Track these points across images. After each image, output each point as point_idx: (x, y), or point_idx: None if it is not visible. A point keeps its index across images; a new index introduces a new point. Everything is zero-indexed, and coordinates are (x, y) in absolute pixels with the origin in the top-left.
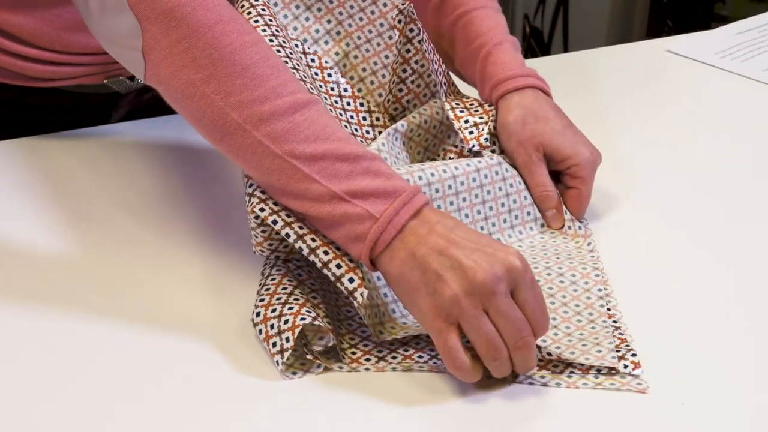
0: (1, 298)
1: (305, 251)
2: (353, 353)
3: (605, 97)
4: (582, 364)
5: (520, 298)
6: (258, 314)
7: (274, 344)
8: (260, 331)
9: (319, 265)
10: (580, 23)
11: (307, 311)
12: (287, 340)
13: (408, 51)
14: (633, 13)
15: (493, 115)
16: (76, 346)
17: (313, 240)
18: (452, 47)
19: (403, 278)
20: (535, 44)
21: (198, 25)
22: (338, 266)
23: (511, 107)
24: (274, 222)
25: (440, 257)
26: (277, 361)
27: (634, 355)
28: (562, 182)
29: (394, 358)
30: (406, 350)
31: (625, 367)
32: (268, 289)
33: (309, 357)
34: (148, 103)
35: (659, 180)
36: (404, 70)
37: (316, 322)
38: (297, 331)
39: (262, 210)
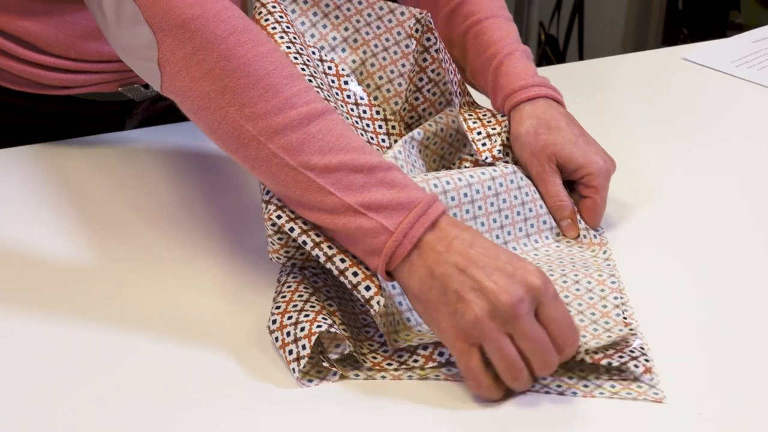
0: (15, 303)
1: (322, 259)
2: (374, 358)
3: (621, 105)
4: (598, 373)
5: (545, 316)
6: (274, 322)
7: (291, 352)
8: (276, 339)
9: (335, 272)
10: (595, 31)
11: (323, 318)
12: (303, 347)
13: (425, 60)
14: (648, 21)
15: (506, 126)
16: (89, 352)
17: (330, 248)
18: (464, 57)
19: (423, 295)
20: (551, 52)
21: (212, 36)
22: (355, 274)
23: (523, 118)
24: (291, 229)
25: (460, 276)
26: (294, 369)
27: (647, 360)
28: (576, 191)
29: (415, 361)
30: (425, 348)
31: (636, 367)
32: (284, 297)
33: (325, 365)
34: (162, 111)
35: (675, 188)
36: (420, 79)
37: (332, 330)
38: (313, 338)
39: (279, 217)
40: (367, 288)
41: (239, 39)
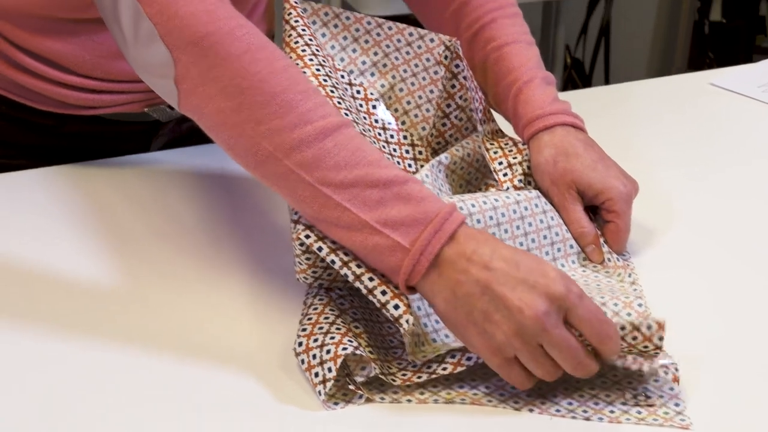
0: (39, 323)
1: (351, 278)
2: (403, 375)
3: (647, 130)
4: (625, 399)
5: (575, 319)
6: (300, 344)
7: (317, 374)
8: (302, 361)
9: (364, 291)
10: (621, 55)
11: (348, 341)
12: (329, 370)
13: (453, 86)
14: (674, 46)
15: (527, 155)
16: (114, 372)
17: (359, 266)
18: (485, 83)
19: (450, 315)
20: (576, 75)
21: (226, 54)
22: (383, 293)
23: (542, 147)
24: (320, 249)
25: (483, 296)
26: (320, 391)
27: (676, 369)
28: (599, 216)
29: (444, 369)
30: (453, 356)
31: (666, 373)
32: (310, 319)
33: (351, 387)
34: (188, 132)
35: (702, 214)
36: (448, 105)
37: (358, 352)
38: (339, 361)
39: (307, 237)
40: (396, 307)
41: (254, 56)
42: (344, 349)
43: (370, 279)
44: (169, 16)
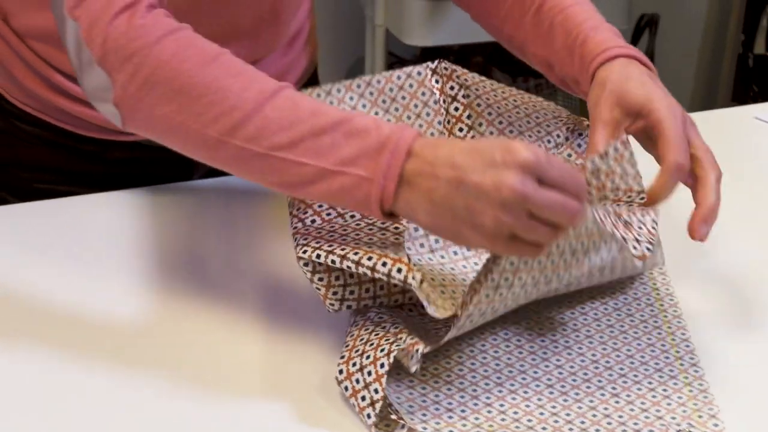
0: (73, 348)
1: (353, 267)
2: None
3: None
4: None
5: (549, 181)
6: (341, 372)
7: (363, 398)
8: (346, 389)
9: (369, 273)
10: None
11: (381, 352)
12: (376, 391)
13: (456, 109)
14: (718, 79)
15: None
16: (145, 407)
17: (356, 254)
18: (552, 47)
19: (438, 225)
20: None
21: (157, 62)
22: (384, 264)
23: (596, 85)
24: (318, 256)
25: (459, 192)
26: (369, 414)
27: (716, 425)
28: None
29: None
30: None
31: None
32: (347, 346)
33: (393, 417)
34: None
35: (746, 250)
36: (461, 129)
37: (394, 349)
38: (383, 380)
39: (305, 252)
40: (399, 270)
41: (183, 55)
42: (381, 365)
43: (369, 258)
44: (102, 39)
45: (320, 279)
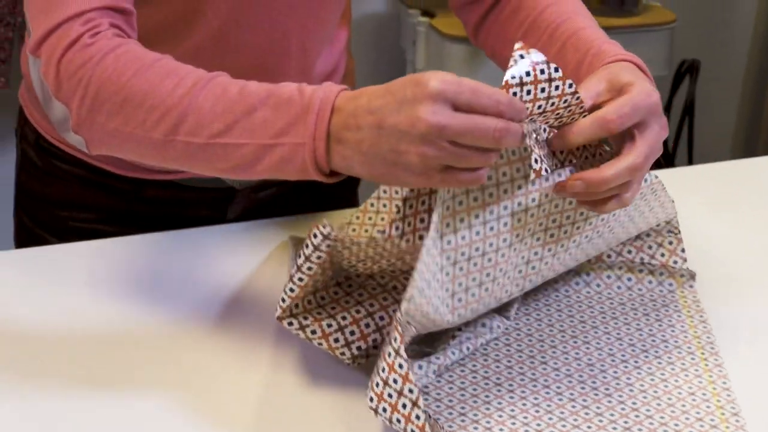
0: (106, 392)
1: (303, 280)
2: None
3: (729, 214)
4: None
5: (463, 107)
6: (372, 399)
7: (404, 405)
8: (384, 410)
9: (306, 268)
10: (705, 134)
11: (389, 357)
12: (410, 391)
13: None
14: (759, 125)
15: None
16: None
17: (323, 299)
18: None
19: (375, 175)
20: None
21: (100, 80)
22: (306, 246)
23: (596, 72)
24: (305, 317)
25: (381, 136)
26: (417, 416)
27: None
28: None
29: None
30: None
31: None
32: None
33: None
34: (266, 200)
35: None
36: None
37: (396, 345)
38: (411, 376)
39: (290, 324)
40: (315, 235)
41: (121, 69)
42: (400, 366)
43: (333, 308)
44: (55, 72)
45: (313, 332)
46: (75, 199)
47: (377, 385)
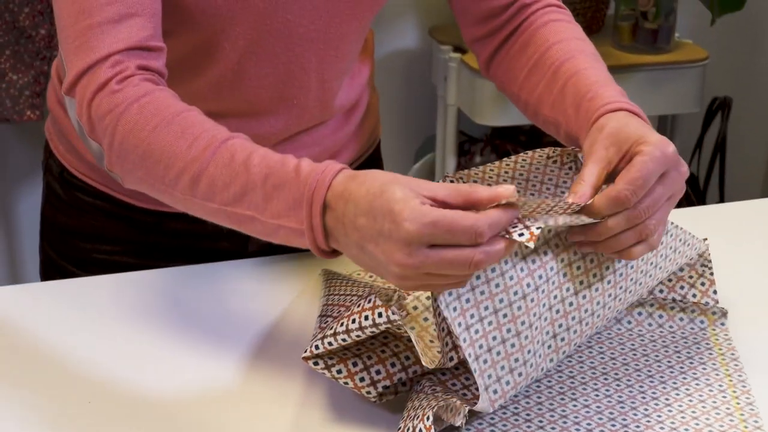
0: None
1: (345, 340)
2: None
3: (761, 252)
4: None
5: (440, 243)
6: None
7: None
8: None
9: (357, 335)
10: (737, 172)
11: (420, 410)
12: None
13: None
14: None
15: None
16: None
17: (341, 324)
18: (560, 109)
19: (365, 266)
20: (690, 190)
21: (123, 132)
22: (366, 318)
23: (595, 128)
24: (316, 347)
25: (364, 254)
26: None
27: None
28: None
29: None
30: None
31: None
32: (403, 418)
33: None
34: None
35: None
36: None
37: (434, 405)
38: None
39: (316, 363)
40: (380, 315)
41: (142, 123)
42: (428, 419)
43: (352, 321)
44: (87, 115)
45: (339, 372)
46: (97, 231)
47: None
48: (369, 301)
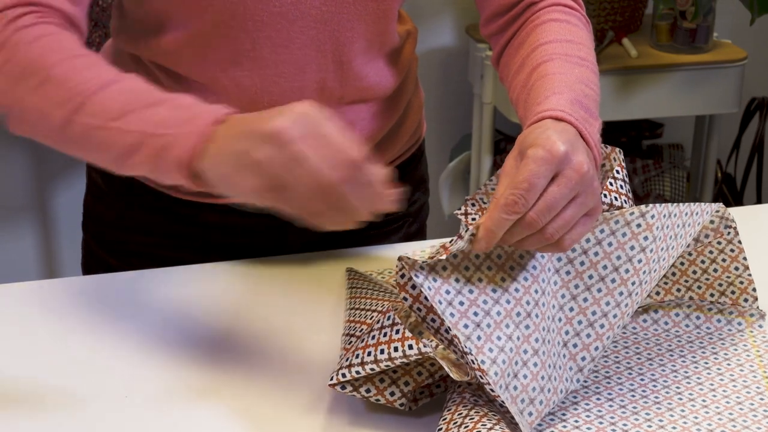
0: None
1: (375, 368)
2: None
3: None
4: None
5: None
6: None
7: None
8: None
9: (390, 364)
10: None
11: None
12: None
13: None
14: None
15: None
16: None
17: (368, 353)
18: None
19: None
20: (728, 191)
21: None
22: (396, 349)
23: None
24: (343, 375)
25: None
26: None
27: None
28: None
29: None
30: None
31: None
32: (443, 419)
33: None
34: (321, 233)
35: None
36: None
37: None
38: None
39: (344, 388)
40: (410, 347)
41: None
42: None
43: (381, 351)
44: None
45: (367, 391)
46: (136, 224)
47: None
48: (395, 330)
